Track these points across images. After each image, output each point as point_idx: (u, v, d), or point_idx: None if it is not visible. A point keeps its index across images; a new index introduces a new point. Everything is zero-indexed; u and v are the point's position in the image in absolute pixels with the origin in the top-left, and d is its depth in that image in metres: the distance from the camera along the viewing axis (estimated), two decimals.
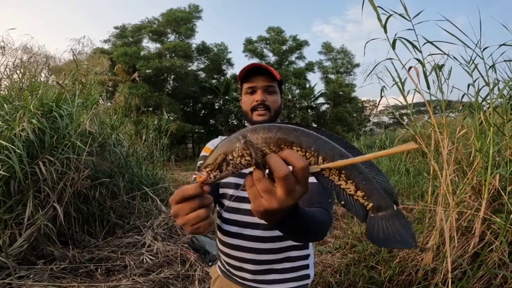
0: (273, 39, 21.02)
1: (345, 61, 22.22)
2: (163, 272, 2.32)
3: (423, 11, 1.71)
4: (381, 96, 2.21)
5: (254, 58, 21.12)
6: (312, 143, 0.40)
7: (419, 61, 1.83)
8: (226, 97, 19.35)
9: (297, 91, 20.98)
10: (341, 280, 2.17)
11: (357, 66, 22.06)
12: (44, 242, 2.34)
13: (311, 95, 21.65)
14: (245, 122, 1.04)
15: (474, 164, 1.93)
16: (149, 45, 19.99)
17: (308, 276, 0.94)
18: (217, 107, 20.53)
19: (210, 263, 1.35)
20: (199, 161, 0.82)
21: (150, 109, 18.01)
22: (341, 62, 22.21)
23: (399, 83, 2.01)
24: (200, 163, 0.50)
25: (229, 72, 22.51)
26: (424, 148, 2.09)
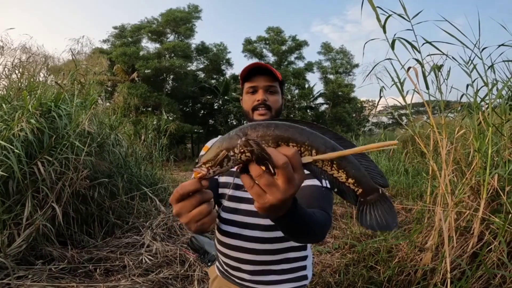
0: (272, 39, 21.03)
1: (344, 61, 22.26)
2: (162, 272, 2.32)
3: (422, 11, 1.71)
4: (380, 96, 2.22)
5: (253, 58, 21.13)
6: (306, 138, 0.45)
7: (418, 61, 1.84)
8: (225, 97, 19.35)
9: (296, 91, 20.98)
10: (340, 280, 2.17)
11: (356, 66, 22.11)
12: (43, 242, 2.34)
13: (310, 95, 21.66)
14: (244, 122, 1.04)
15: (472, 164, 1.94)
16: (148, 45, 19.99)
17: (306, 277, 0.94)
18: (216, 107, 20.54)
19: (209, 263, 1.35)
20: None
21: (149, 109, 18.00)
22: (340, 62, 22.25)
23: (398, 84, 2.02)
24: (201, 157, 0.50)
25: (228, 72, 22.56)
26: (423, 148, 2.09)
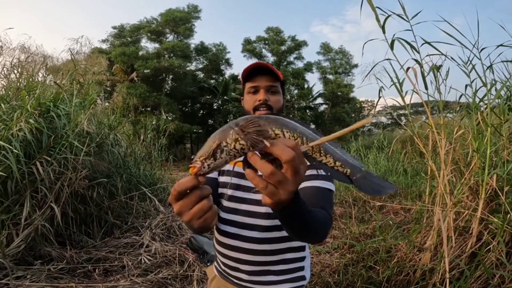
0: (271, 39, 21.05)
1: (343, 61, 22.29)
2: (161, 272, 2.32)
3: (422, 11, 1.71)
4: (379, 97, 2.22)
5: (252, 58, 21.15)
6: (296, 128, 0.47)
7: (417, 61, 1.84)
8: (225, 97, 19.35)
9: (296, 91, 21.00)
10: (339, 280, 2.17)
11: (355, 66, 22.15)
12: (42, 243, 2.33)
13: (310, 96, 21.69)
14: None
15: (471, 164, 1.94)
16: (148, 45, 20.02)
17: (304, 277, 0.94)
18: (216, 107, 20.54)
19: (209, 264, 1.35)
20: None
21: (148, 109, 18.00)
22: (340, 62, 22.29)
23: (397, 84, 2.02)
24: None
25: (228, 72, 22.59)
26: (422, 149, 2.10)
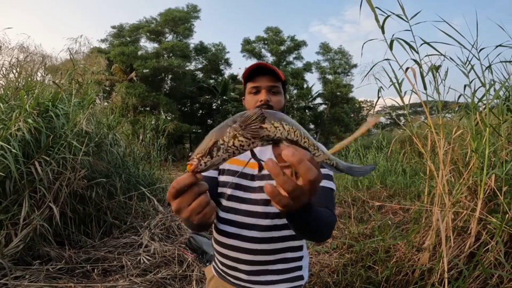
0: (271, 39, 21.04)
1: (342, 61, 22.29)
2: (160, 272, 2.31)
3: (421, 11, 1.72)
4: (378, 97, 2.22)
5: (252, 58, 21.15)
6: (292, 122, 0.48)
7: (416, 62, 1.84)
8: (224, 97, 19.34)
9: (295, 91, 21.01)
10: (338, 280, 2.18)
11: (354, 66, 22.16)
12: (40, 243, 2.33)
13: (309, 96, 21.69)
14: None
15: (470, 164, 1.94)
16: (147, 45, 19.99)
17: (302, 277, 0.94)
18: (215, 107, 20.53)
19: (208, 263, 1.35)
20: None
21: (148, 109, 17.97)
22: (339, 62, 22.29)
23: (396, 84, 2.02)
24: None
25: (227, 72, 22.59)
26: (421, 149, 2.10)
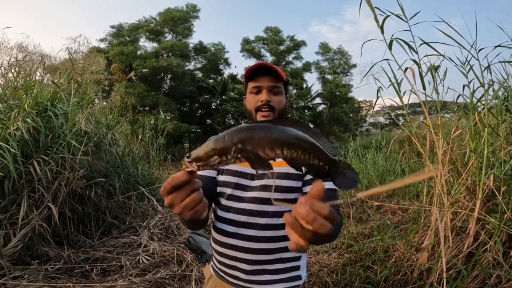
0: (270, 39, 21.02)
1: (342, 61, 22.29)
2: (159, 272, 2.31)
3: (420, 12, 1.72)
4: (378, 97, 2.22)
5: (251, 58, 21.16)
6: (296, 136, 0.47)
7: (415, 62, 1.84)
8: (223, 97, 19.32)
9: (294, 91, 21.01)
10: (337, 280, 2.18)
11: (354, 66, 22.14)
12: (39, 242, 2.32)
13: (308, 95, 21.69)
14: (242, 121, 1.04)
15: (468, 164, 1.95)
16: (146, 45, 19.90)
17: (300, 277, 0.94)
18: (214, 107, 20.49)
19: (207, 263, 1.35)
20: None
21: (147, 108, 17.94)
22: (338, 62, 22.28)
23: (395, 84, 2.03)
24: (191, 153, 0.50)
25: (226, 72, 22.53)
26: (420, 149, 2.11)
